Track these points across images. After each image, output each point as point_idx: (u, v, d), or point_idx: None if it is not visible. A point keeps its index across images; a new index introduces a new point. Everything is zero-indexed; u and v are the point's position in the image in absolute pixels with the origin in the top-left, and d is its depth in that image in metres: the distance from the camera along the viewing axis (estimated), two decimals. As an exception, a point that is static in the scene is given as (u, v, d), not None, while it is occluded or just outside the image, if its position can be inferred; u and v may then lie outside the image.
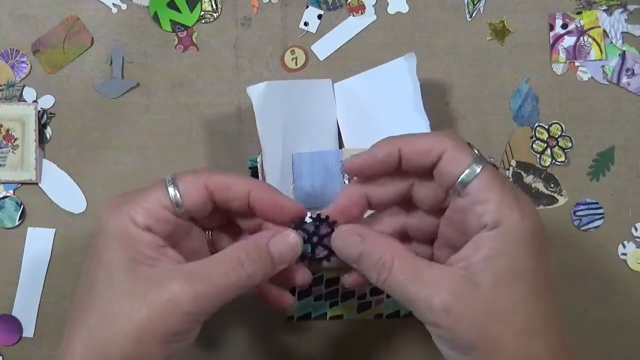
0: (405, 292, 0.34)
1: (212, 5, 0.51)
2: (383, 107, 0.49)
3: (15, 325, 0.50)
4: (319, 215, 0.38)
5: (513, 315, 0.32)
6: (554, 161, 0.51)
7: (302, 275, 0.39)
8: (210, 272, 0.34)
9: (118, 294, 0.33)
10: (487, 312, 0.32)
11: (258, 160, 0.48)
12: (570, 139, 0.51)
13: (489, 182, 0.33)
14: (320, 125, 0.49)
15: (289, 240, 0.37)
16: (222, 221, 0.40)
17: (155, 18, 0.51)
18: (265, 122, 0.47)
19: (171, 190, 0.35)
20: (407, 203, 0.39)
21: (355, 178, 0.39)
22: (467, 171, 0.34)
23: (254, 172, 0.49)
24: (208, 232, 0.41)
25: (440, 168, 0.35)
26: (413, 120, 0.48)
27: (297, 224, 0.38)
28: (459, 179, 0.34)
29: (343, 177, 0.48)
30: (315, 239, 0.38)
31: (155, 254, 0.34)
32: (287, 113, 0.48)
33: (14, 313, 0.50)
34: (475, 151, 0.35)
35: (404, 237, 0.40)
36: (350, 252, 0.36)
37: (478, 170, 0.33)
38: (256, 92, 0.47)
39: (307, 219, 0.38)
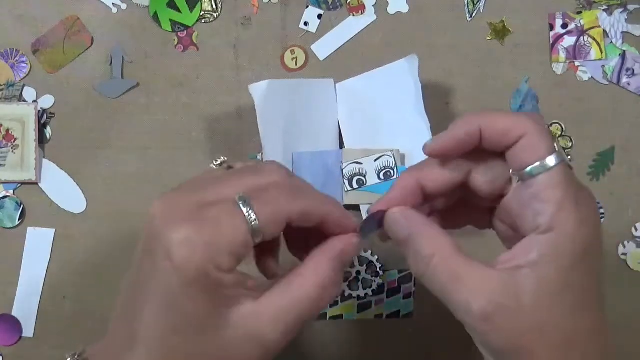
0: (443, 291, 0.33)
1: (212, 5, 0.51)
2: (384, 108, 0.49)
3: (15, 325, 0.50)
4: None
5: (551, 328, 0.31)
6: (554, 161, 0.51)
7: None
8: (295, 305, 0.33)
9: (203, 345, 0.31)
10: (525, 324, 0.31)
11: (258, 158, 0.48)
12: (570, 139, 0.51)
13: (556, 181, 0.32)
14: (321, 124, 0.49)
15: (357, 248, 0.36)
16: None
17: (155, 18, 0.51)
18: (266, 120, 0.47)
19: (252, 223, 0.32)
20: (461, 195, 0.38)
21: (407, 168, 0.37)
22: (538, 163, 0.32)
23: (254, 172, 0.49)
24: None
25: (514, 151, 0.33)
26: (414, 122, 0.48)
27: None
28: (528, 169, 0.32)
29: (343, 177, 0.48)
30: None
31: (236, 292, 0.32)
32: (289, 112, 0.48)
33: (14, 313, 0.50)
34: (555, 145, 0.33)
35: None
36: (397, 235, 0.35)
37: (550, 165, 0.32)
38: (258, 90, 0.47)
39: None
